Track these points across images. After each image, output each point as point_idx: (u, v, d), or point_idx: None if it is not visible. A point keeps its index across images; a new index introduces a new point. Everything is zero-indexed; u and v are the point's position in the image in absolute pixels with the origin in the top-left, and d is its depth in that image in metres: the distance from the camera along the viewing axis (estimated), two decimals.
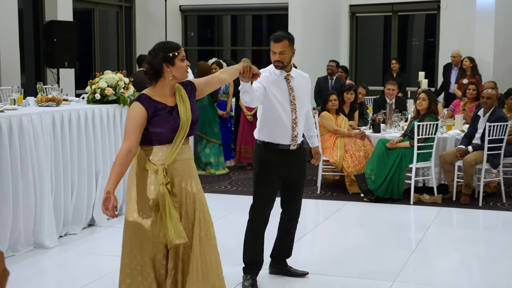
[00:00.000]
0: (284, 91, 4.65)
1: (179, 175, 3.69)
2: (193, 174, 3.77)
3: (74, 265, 5.46)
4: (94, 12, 13.21)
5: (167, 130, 3.63)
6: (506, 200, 7.62)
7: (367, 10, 14.28)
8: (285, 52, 4.61)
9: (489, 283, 5.07)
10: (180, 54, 3.71)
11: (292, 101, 4.65)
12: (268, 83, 4.62)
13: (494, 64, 12.23)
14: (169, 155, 3.63)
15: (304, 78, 4.85)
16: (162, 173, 3.59)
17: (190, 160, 3.79)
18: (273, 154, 4.68)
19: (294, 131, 4.65)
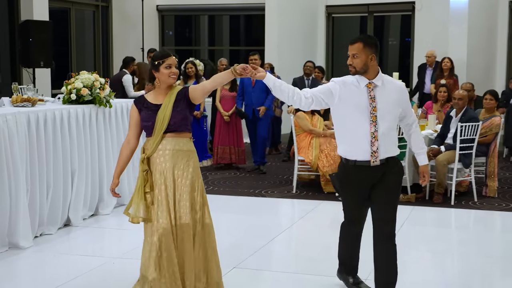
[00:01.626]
0: (362, 101, 4.17)
1: (165, 163, 4.29)
2: (179, 165, 4.30)
3: (50, 265, 5.46)
4: (70, 12, 13.17)
5: (149, 124, 4.31)
6: (477, 199, 7.75)
7: (343, 10, 14.40)
8: (357, 56, 4.20)
9: (461, 280, 5.17)
10: (165, 62, 4.31)
11: (372, 113, 4.14)
12: (344, 90, 4.21)
13: (468, 64, 12.41)
14: (151, 147, 4.31)
15: (396, 87, 4.29)
16: (141, 162, 4.32)
17: (180, 151, 4.31)
18: (352, 171, 4.30)
19: (373, 146, 4.16)
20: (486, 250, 6.02)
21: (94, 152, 6.86)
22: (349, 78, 4.24)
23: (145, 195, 4.30)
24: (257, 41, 14.97)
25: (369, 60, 4.17)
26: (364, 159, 4.19)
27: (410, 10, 13.62)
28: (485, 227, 6.96)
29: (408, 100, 4.34)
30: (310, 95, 4.23)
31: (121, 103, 7.39)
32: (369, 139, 4.15)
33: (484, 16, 12.83)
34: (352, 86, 4.20)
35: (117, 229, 6.74)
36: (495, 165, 7.96)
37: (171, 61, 4.34)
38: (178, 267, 4.29)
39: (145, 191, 4.30)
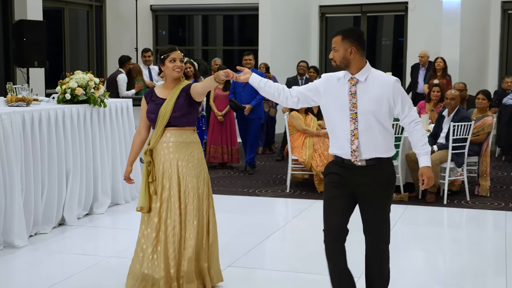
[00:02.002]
0: (342, 96, 3.91)
1: (168, 155, 4.53)
2: (183, 156, 4.53)
3: (45, 264, 5.49)
4: (64, 11, 13.17)
5: (153, 116, 4.56)
6: (470, 198, 7.80)
7: (337, 10, 14.45)
8: (336, 50, 3.91)
9: (453, 279, 5.21)
10: (170, 56, 4.54)
11: (352, 109, 3.87)
12: (327, 86, 3.99)
13: (460, 65, 12.47)
14: (153, 139, 4.56)
15: (383, 82, 3.92)
16: (144, 154, 4.59)
17: (183, 143, 4.54)
18: (339, 169, 4.00)
19: (353, 144, 3.88)
20: (479, 249, 6.07)
21: (89, 152, 6.88)
22: (339, 73, 3.99)
23: (149, 185, 4.55)
24: (251, 41, 15.00)
25: (349, 53, 3.87)
26: (348, 158, 3.94)
27: (403, 10, 13.68)
28: (477, 226, 7.01)
29: (401, 96, 3.94)
30: (296, 94, 4.10)
31: (115, 103, 7.41)
32: (348, 137, 3.90)
33: (477, 17, 12.90)
34: (336, 81, 3.96)
35: (111, 228, 6.76)
36: (488, 165, 8.02)
37: (176, 55, 4.55)
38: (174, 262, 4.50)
39: (149, 181, 4.55)
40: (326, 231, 4.14)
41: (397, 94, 3.92)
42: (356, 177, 3.95)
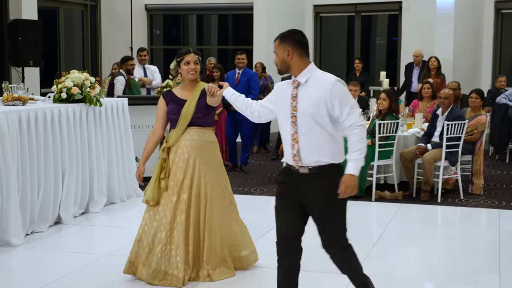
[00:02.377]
0: (285, 100, 3.81)
1: (186, 152, 4.79)
2: (202, 153, 4.82)
3: (41, 262, 5.50)
4: (59, 11, 13.17)
5: (174, 117, 4.80)
6: (463, 196, 7.85)
7: (331, 10, 14.49)
8: (276, 53, 3.89)
9: (447, 276, 5.25)
10: (184, 59, 4.81)
11: (293, 113, 3.76)
12: (279, 92, 3.91)
13: (454, 64, 12.53)
14: (173, 138, 4.80)
15: (323, 83, 3.73)
16: (161, 151, 4.82)
17: (205, 141, 4.83)
18: (286, 177, 3.90)
19: (293, 149, 3.75)
20: (472, 247, 6.12)
21: (85, 151, 6.90)
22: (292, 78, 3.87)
23: (160, 181, 4.79)
24: (245, 40, 15.03)
25: (286, 55, 3.77)
26: (291, 163, 3.80)
27: (397, 10, 13.73)
28: (471, 224, 7.06)
29: (339, 98, 3.69)
30: (257, 108, 4.06)
31: (111, 102, 7.43)
32: (290, 142, 3.77)
33: (470, 16, 12.96)
34: (286, 86, 3.84)
35: (107, 227, 6.79)
36: (481, 163, 8.07)
37: (190, 58, 4.81)
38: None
39: (161, 177, 4.79)
40: (278, 242, 4.03)
41: (334, 95, 3.69)
42: (301, 186, 3.80)
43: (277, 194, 3.95)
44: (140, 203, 7.52)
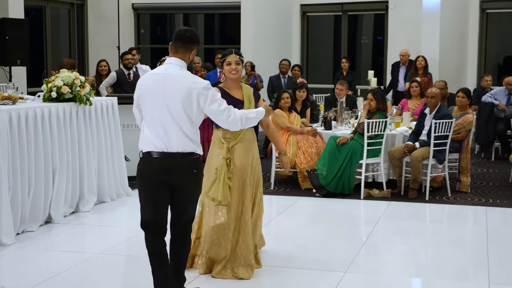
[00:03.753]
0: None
1: (243, 152, 4.96)
2: (254, 151, 5.06)
3: (32, 262, 5.50)
4: (45, 10, 13.12)
5: None
6: (451, 194, 7.93)
7: (318, 9, 14.55)
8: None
9: (435, 272, 5.31)
10: (226, 60, 5.03)
11: None
12: None
13: (440, 63, 12.62)
14: (233, 136, 4.94)
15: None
16: (226, 150, 4.90)
17: (254, 139, 5.06)
18: None
19: None
20: (460, 244, 6.20)
21: (75, 150, 6.90)
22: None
23: (229, 180, 4.89)
24: (232, 39, 15.04)
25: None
26: None
27: (384, 9, 13.81)
28: (458, 221, 7.14)
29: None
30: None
31: (101, 101, 7.43)
32: None
33: (456, 16, 13.06)
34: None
35: (97, 226, 6.79)
36: (468, 161, 8.15)
37: (231, 59, 5.02)
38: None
39: (228, 177, 4.88)
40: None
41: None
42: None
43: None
44: (130, 202, 7.60)
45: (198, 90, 4.04)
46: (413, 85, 9.39)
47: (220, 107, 4.11)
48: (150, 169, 4.12)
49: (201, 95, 4.05)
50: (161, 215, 4.13)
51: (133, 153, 8.30)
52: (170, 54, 4.19)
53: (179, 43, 4.15)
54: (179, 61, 4.15)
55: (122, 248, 5.93)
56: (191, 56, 4.20)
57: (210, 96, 4.07)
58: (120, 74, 10.16)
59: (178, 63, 4.14)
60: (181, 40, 4.15)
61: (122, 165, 7.76)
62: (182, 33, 4.16)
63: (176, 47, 4.16)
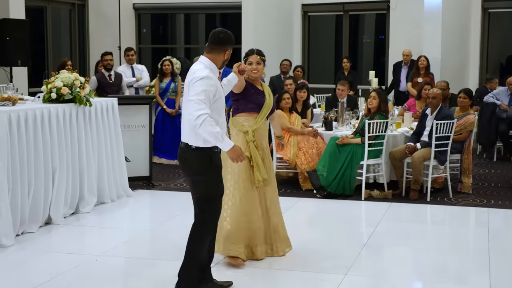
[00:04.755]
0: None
1: (261, 137, 5.35)
2: (266, 140, 5.44)
3: (31, 263, 5.49)
4: (46, 10, 13.10)
5: (254, 105, 5.30)
6: (452, 195, 7.91)
7: (319, 9, 14.51)
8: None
9: (436, 275, 5.29)
10: (248, 60, 5.36)
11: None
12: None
13: (442, 63, 12.59)
14: (255, 123, 5.29)
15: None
16: (251, 134, 5.25)
17: (266, 130, 5.47)
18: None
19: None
20: (462, 245, 6.17)
21: (75, 151, 6.89)
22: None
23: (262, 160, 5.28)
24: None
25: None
26: None
27: (385, 9, 13.77)
28: (460, 222, 7.11)
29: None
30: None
31: (101, 102, 7.41)
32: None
33: (458, 16, 13.02)
34: None
35: (98, 227, 6.77)
36: (470, 162, 8.13)
37: (252, 59, 5.35)
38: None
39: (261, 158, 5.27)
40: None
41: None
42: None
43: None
44: (131, 203, 7.59)
45: (191, 82, 4.32)
46: (427, 87, 9.28)
47: (200, 97, 4.23)
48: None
49: (191, 85, 4.30)
50: None
51: (133, 154, 8.31)
52: (204, 53, 4.50)
53: (212, 45, 4.46)
54: (207, 60, 4.45)
55: (122, 249, 5.91)
56: (226, 56, 4.49)
57: (196, 86, 4.27)
58: (100, 77, 10.08)
59: (204, 61, 4.44)
60: (213, 42, 4.46)
61: (122, 166, 7.74)
62: (215, 34, 4.47)
63: (209, 47, 4.47)
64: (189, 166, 4.46)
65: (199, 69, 4.36)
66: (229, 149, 4.36)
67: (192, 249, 4.47)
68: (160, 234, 6.45)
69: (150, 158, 8.48)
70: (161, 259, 5.54)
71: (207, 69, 4.36)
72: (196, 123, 4.20)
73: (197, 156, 4.38)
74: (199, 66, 4.41)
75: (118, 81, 10.11)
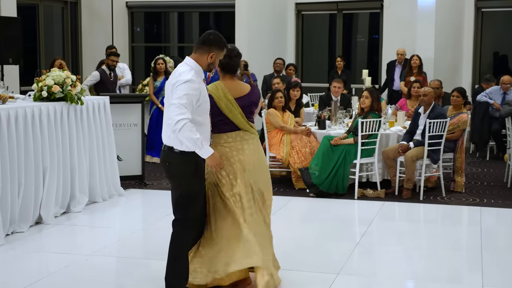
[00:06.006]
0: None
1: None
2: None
3: (22, 263, 5.44)
4: (38, 8, 13.03)
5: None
6: (445, 194, 7.89)
7: (313, 8, 14.49)
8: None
9: (430, 273, 5.27)
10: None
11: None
12: None
13: (435, 62, 12.58)
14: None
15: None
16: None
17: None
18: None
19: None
20: (454, 244, 6.16)
21: (66, 150, 6.84)
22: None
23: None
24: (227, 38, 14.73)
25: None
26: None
27: (379, 8, 13.76)
28: (453, 221, 7.09)
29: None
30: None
31: (92, 101, 7.37)
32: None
33: (451, 15, 13.02)
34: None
35: (89, 227, 6.73)
36: (463, 161, 8.12)
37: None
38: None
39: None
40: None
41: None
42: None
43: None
44: (122, 202, 7.55)
45: (175, 85, 4.17)
46: (415, 85, 9.32)
47: (182, 101, 4.09)
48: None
49: (174, 88, 4.17)
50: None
51: (125, 153, 8.27)
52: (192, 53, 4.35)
53: (198, 44, 4.33)
54: (191, 62, 4.29)
55: (113, 249, 5.88)
56: (210, 58, 4.29)
57: (179, 89, 4.14)
58: (102, 73, 10.08)
59: (189, 62, 4.29)
60: (200, 41, 4.33)
61: (114, 165, 7.70)
62: (205, 34, 4.34)
63: (196, 47, 4.33)
64: (173, 170, 4.34)
65: (184, 72, 4.22)
66: (208, 156, 4.25)
67: (174, 252, 4.36)
68: (152, 234, 6.41)
69: (142, 157, 8.45)
70: (153, 259, 5.51)
71: (191, 72, 4.21)
72: (175, 128, 4.08)
73: (182, 160, 4.27)
74: (184, 68, 4.26)
75: (116, 80, 10.24)
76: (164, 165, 4.38)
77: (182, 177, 4.31)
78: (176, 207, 4.38)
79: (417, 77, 10.82)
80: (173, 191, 4.40)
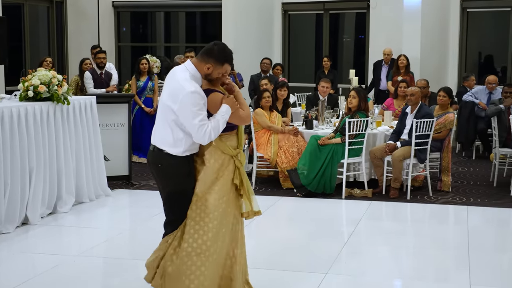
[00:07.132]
0: None
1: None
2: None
3: (8, 264, 5.40)
4: (23, 7, 12.96)
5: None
6: (432, 193, 7.93)
7: (299, 8, 14.50)
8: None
9: (417, 273, 5.29)
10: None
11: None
12: None
13: (421, 62, 12.64)
14: (238, 142, 4.32)
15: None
16: (239, 158, 4.27)
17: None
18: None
19: None
20: (441, 243, 6.18)
21: (52, 150, 6.80)
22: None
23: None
24: (214, 38, 14.96)
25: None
26: None
27: (365, 8, 13.80)
28: (439, 220, 7.12)
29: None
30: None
31: (79, 100, 7.33)
32: None
33: (437, 15, 13.08)
34: None
35: (75, 227, 6.69)
36: (449, 160, 8.15)
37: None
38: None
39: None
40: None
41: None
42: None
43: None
44: (109, 203, 7.52)
45: (180, 93, 3.98)
46: (402, 85, 9.35)
47: (201, 121, 3.97)
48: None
49: (182, 97, 3.98)
50: None
51: (112, 153, 8.23)
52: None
53: (202, 51, 4.16)
54: (192, 67, 4.11)
55: (100, 250, 5.85)
56: (207, 69, 4.08)
57: (189, 105, 3.97)
58: (93, 73, 10.02)
59: (189, 68, 4.12)
60: (204, 49, 4.15)
61: (101, 165, 7.66)
62: (211, 44, 4.14)
63: (200, 52, 4.17)
64: (165, 171, 4.19)
65: (185, 79, 4.04)
66: (228, 106, 4.09)
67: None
68: (139, 234, 6.39)
69: (129, 157, 8.41)
70: (141, 259, 5.46)
71: (192, 80, 4.04)
72: (206, 137, 3.99)
73: (175, 162, 4.15)
74: (184, 75, 4.07)
75: (107, 79, 10.13)
76: (155, 167, 4.22)
77: (174, 178, 4.21)
78: (169, 209, 4.30)
79: (404, 77, 10.86)
80: (164, 192, 4.29)
